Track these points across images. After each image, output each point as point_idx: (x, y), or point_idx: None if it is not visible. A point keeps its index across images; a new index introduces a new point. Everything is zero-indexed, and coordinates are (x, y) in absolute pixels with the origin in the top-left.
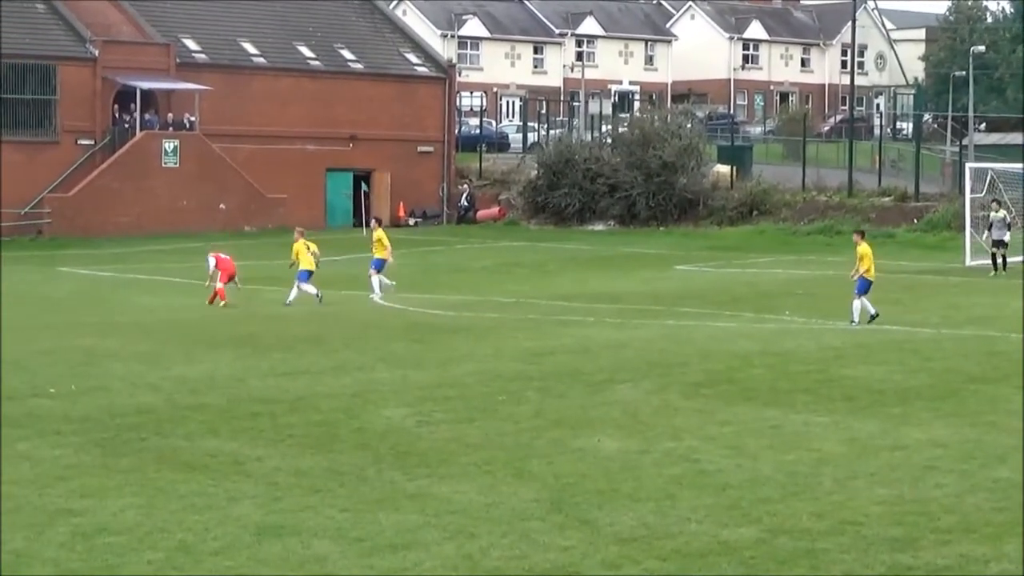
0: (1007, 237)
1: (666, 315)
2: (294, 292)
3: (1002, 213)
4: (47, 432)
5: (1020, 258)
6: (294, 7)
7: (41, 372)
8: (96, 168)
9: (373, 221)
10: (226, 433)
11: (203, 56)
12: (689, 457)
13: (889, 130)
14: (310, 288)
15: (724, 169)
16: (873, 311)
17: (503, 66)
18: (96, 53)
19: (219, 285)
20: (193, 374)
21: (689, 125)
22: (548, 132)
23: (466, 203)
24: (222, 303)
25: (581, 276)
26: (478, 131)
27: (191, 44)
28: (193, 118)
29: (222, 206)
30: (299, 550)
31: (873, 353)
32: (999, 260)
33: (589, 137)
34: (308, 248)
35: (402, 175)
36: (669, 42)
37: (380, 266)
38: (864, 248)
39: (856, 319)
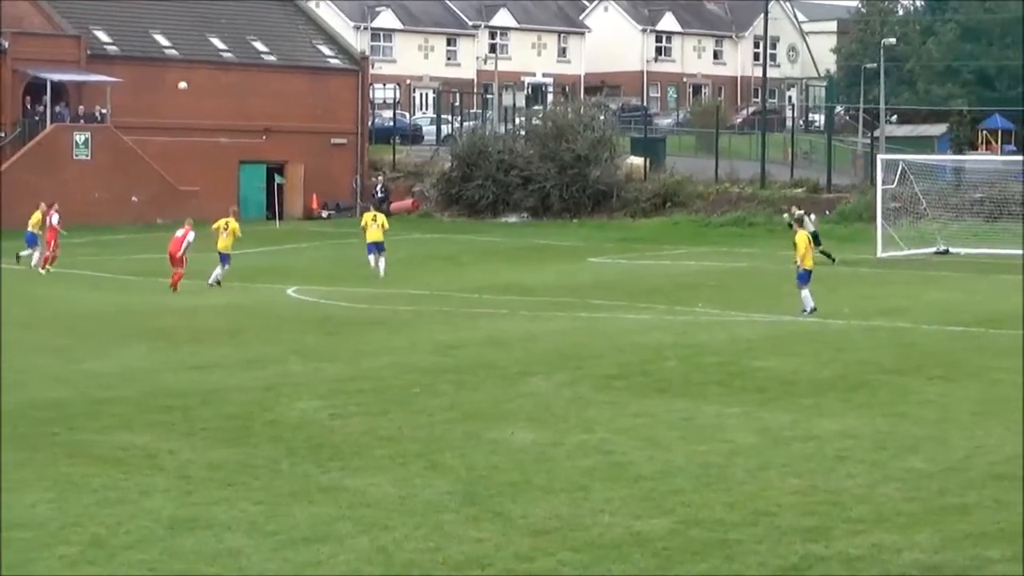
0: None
1: (579, 307)
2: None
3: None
4: None
5: (1019, 251)
6: None
7: None
8: (6, 161)
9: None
10: (139, 427)
11: (114, 48)
12: (602, 449)
13: (801, 122)
14: (218, 271)
15: (637, 161)
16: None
17: (416, 58)
18: (6, 45)
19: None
20: (107, 368)
21: (602, 117)
22: (462, 124)
23: (380, 195)
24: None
25: (495, 268)
26: (391, 123)
27: (102, 36)
28: (105, 110)
29: (135, 198)
30: (212, 543)
31: (785, 344)
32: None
33: (503, 129)
34: (227, 227)
35: (315, 167)
36: (582, 34)
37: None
38: (800, 236)
39: (808, 308)
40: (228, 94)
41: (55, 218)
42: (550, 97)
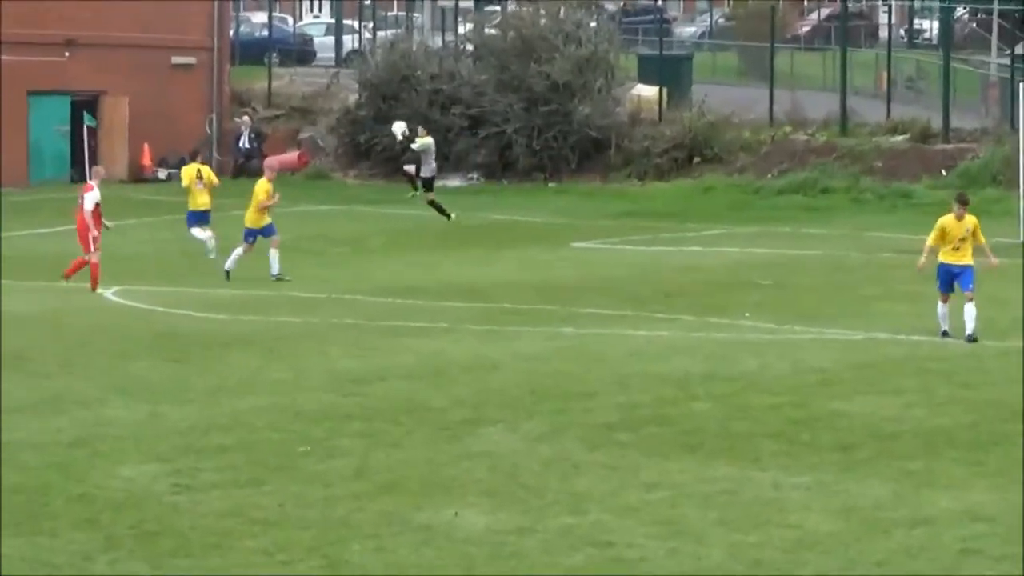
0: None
1: (560, 318)
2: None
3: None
4: None
5: None
6: None
7: None
8: None
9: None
10: None
11: None
12: (597, 540)
13: (903, 32)
14: (202, 234)
15: (649, 92)
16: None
17: None
18: None
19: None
20: None
21: (594, 24)
22: (374, 35)
23: (248, 145)
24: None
25: (427, 258)
26: (265, 33)
27: None
28: None
29: None
30: None
31: (879, 377)
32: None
33: (438, 42)
34: (200, 177)
35: (147, 102)
36: None
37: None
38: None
39: (946, 327)
40: None
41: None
42: None
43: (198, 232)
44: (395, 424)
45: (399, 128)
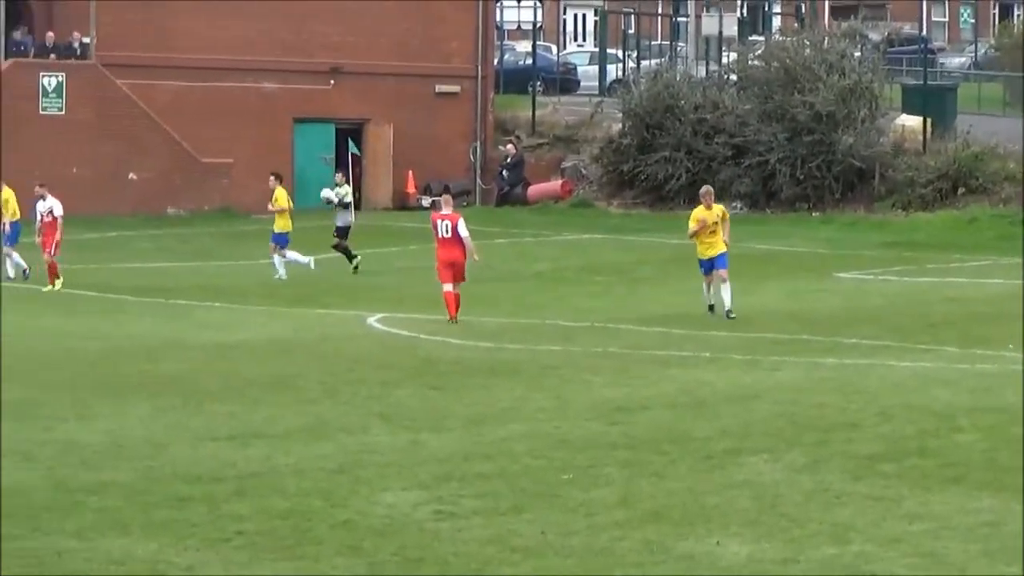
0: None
1: (823, 349)
2: (279, 264)
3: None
4: None
5: None
6: None
7: None
8: None
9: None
10: (139, 528)
11: None
12: (859, 570)
13: None
14: (298, 256)
15: (913, 123)
16: None
17: None
18: None
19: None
20: (89, 437)
21: (858, 54)
22: (638, 64)
23: (508, 170)
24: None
25: (690, 287)
26: (529, 62)
27: None
28: (87, 39)
29: (132, 176)
30: None
31: None
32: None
33: (703, 72)
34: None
35: (412, 129)
36: None
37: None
38: None
39: None
40: (276, 15)
41: (54, 205)
42: (776, 21)
43: (279, 261)
44: (659, 453)
45: (328, 194)
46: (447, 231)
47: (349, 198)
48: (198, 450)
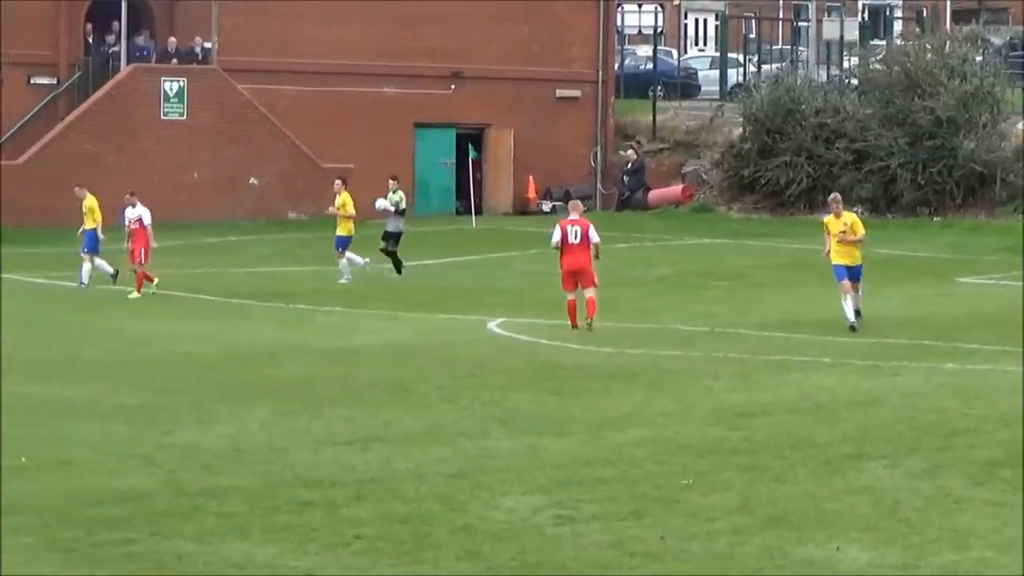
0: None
1: (944, 354)
2: (344, 268)
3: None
4: None
5: None
6: None
7: None
8: (59, 121)
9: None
10: (259, 533)
11: None
12: None
13: None
14: (355, 258)
15: None
16: None
17: None
18: None
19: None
20: (209, 441)
21: (980, 58)
22: (759, 68)
23: (629, 175)
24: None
25: (810, 292)
26: (650, 66)
27: None
28: (209, 44)
29: (253, 181)
30: None
31: None
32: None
33: (824, 77)
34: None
35: (532, 134)
36: None
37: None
38: None
39: None
40: (395, 20)
41: (143, 213)
42: (897, 26)
43: (344, 264)
44: (778, 458)
45: (383, 204)
46: (576, 236)
47: (404, 204)
48: (318, 454)
